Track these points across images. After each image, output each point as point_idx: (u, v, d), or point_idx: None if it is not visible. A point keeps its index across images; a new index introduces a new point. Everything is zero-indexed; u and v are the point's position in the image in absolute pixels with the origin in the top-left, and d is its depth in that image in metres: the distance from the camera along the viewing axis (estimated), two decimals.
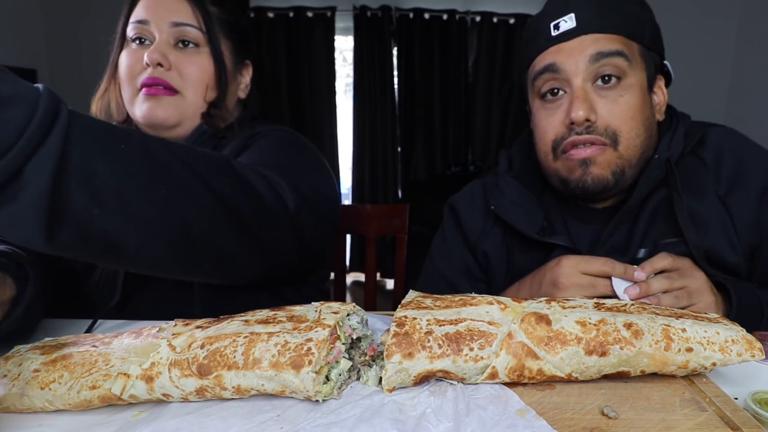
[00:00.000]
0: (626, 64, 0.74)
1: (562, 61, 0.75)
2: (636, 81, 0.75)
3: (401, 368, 0.46)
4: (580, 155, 0.75)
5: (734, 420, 0.42)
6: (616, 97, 0.74)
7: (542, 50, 0.78)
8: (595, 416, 0.43)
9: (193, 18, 0.85)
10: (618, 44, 0.74)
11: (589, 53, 0.74)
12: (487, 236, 0.89)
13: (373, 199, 3.73)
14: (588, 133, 0.74)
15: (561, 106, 0.77)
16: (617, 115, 0.74)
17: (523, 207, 0.84)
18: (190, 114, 0.86)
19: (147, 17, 0.84)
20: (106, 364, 0.46)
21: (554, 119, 0.78)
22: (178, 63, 0.84)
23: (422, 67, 3.65)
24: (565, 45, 0.75)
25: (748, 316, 0.68)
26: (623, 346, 0.46)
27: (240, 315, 0.52)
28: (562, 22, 0.76)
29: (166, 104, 0.83)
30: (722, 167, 0.77)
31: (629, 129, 0.75)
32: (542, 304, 0.51)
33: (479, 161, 3.73)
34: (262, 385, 0.45)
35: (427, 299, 0.53)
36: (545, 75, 0.77)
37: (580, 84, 0.74)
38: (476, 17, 3.60)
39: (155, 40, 0.84)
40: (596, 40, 0.74)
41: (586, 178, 0.76)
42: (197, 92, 0.86)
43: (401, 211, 1.34)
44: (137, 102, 0.84)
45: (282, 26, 3.51)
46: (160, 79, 0.83)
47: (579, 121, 0.74)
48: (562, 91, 0.77)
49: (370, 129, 3.68)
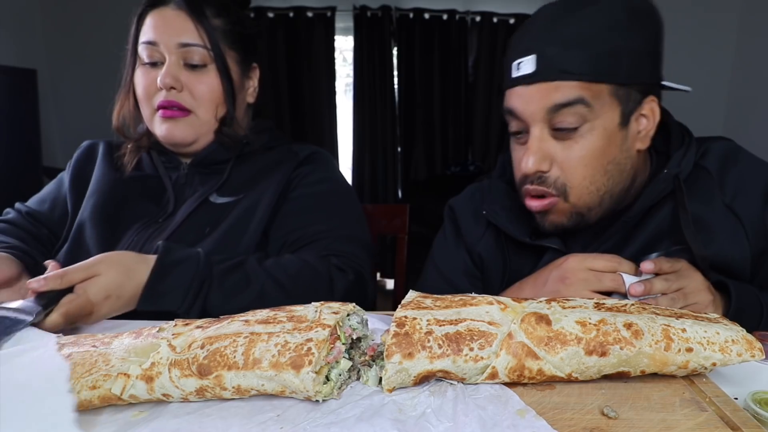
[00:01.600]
0: (587, 111, 0.70)
1: (522, 108, 0.73)
2: (599, 123, 0.71)
3: (401, 368, 0.46)
4: (532, 208, 0.77)
5: (734, 420, 0.42)
6: (572, 144, 0.72)
7: (507, 87, 0.76)
8: (595, 416, 0.43)
9: (198, 37, 0.88)
10: (579, 90, 0.69)
11: (546, 105, 0.70)
12: (482, 239, 0.90)
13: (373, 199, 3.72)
14: (539, 184, 0.74)
15: (524, 145, 0.76)
16: (569, 165, 0.72)
17: (514, 212, 0.84)
18: (204, 131, 0.93)
19: (155, 38, 0.87)
20: (106, 364, 0.46)
21: (517, 157, 0.78)
22: (189, 83, 0.89)
23: (422, 67, 3.64)
24: (524, 90, 0.72)
25: (747, 315, 0.68)
26: (623, 346, 0.46)
27: (240, 315, 0.52)
28: (523, 63, 0.72)
29: (182, 125, 0.90)
30: (726, 176, 0.77)
31: (581, 178, 0.73)
32: (542, 304, 0.51)
33: (479, 161, 3.73)
34: (262, 385, 0.45)
35: (427, 299, 0.53)
36: (509, 115, 0.76)
37: (537, 133, 0.73)
38: (476, 17, 3.60)
39: (165, 62, 0.87)
40: (556, 88, 0.69)
41: (543, 223, 0.78)
42: (208, 110, 0.91)
43: (401, 211, 1.34)
44: (156, 122, 0.90)
45: (282, 26, 3.51)
46: (174, 102, 0.88)
47: (529, 173, 0.74)
48: (525, 132, 0.76)
49: (370, 129, 3.67)
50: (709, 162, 0.79)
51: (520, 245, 0.84)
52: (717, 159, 0.79)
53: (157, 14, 0.88)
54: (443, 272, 0.93)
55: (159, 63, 0.88)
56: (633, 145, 0.76)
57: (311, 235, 0.89)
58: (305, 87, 3.61)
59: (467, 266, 0.92)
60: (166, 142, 0.92)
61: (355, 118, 3.67)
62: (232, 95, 0.93)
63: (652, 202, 0.77)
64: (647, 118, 0.75)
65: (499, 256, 0.88)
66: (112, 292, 0.67)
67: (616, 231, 0.79)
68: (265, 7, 3.46)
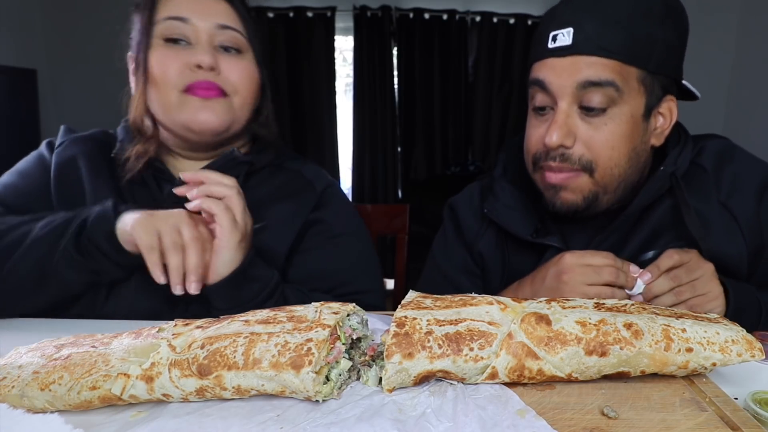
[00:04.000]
0: (616, 95, 0.70)
1: (551, 80, 0.73)
2: (627, 109, 0.72)
3: (401, 368, 0.46)
4: (551, 180, 0.76)
5: (734, 420, 0.42)
6: (599, 125, 0.72)
7: (539, 58, 0.75)
8: (595, 416, 0.43)
9: (237, 21, 0.82)
10: (611, 72, 0.70)
11: (578, 79, 0.70)
12: (482, 237, 0.90)
13: (373, 199, 3.73)
14: (561, 161, 0.74)
15: (546, 121, 0.75)
16: (596, 145, 0.72)
17: (517, 210, 0.84)
18: (237, 120, 0.84)
19: (186, 15, 0.78)
20: (106, 365, 0.46)
21: (537, 133, 0.77)
22: (226, 68, 0.81)
23: (422, 67, 3.65)
24: (557, 62, 0.72)
25: (746, 315, 0.68)
26: (623, 346, 0.46)
27: (240, 315, 0.52)
28: (560, 35, 0.72)
29: (221, 108, 0.80)
30: (721, 172, 0.78)
31: (607, 159, 0.73)
32: (542, 304, 0.51)
33: (479, 161, 3.73)
34: (262, 385, 0.45)
35: (427, 299, 0.53)
36: (536, 87, 0.76)
37: (564, 107, 0.72)
38: (476, 17, 3.60)
39: (197, 42, 0.79)
40: (590, 65, 0.70)
41: (555, 201, 0.77)
42: (245, 99, 0.84)
43: (401, 211, 1.34)
44: (187, 106, 0.79)
45: (282, 26, 3.51)
46: (213, 83, 0.79)
47: (552, 146, 0.73)
48: (550, 108, 0.75)
49: (370, 129, 3.67)
50: (704, 159, 0.79)
51: (521, 244, 0.84)
52: (713, 157, 0.79)
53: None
54: (443, 271, 0.93)
55: (185, 42, 0.79)
56: (650, 139, 0.77)
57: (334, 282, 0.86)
58: (305, 87, 3.61)
59: (467, 264, 0.92)
60: (197, 129, 0.80)
61: (355, 118, 3.67)
62: (267, 88, 0.88)
63: (650, 199, 0.77)
64: (664, 117, 0.76)
65: (498, 254, 0.88)
66: None
67: (616, 229, 0.79)
68: (265, 7, 3.46)
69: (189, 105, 0.79)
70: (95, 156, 0.85)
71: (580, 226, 0.83)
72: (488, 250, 0.89)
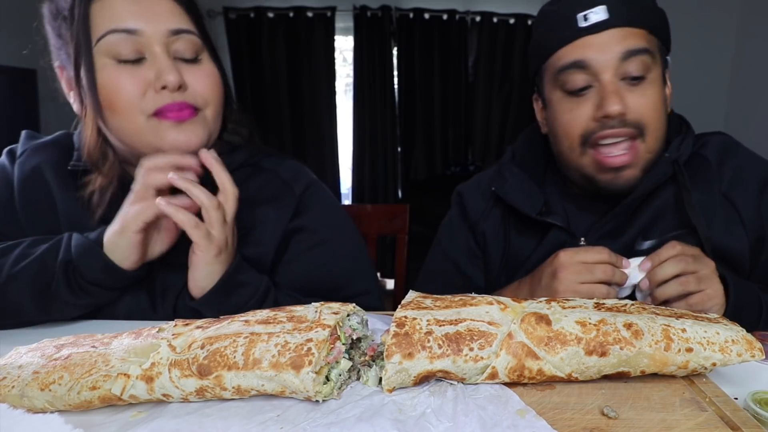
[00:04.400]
0: (651, 61, 0.75)
1: (592, 56, 0.75)
2: (657, 75, 0.77)
3: (401, 368, 0.46)
4: (616, 163, 0.77)
5: (734, 420, 0.42)
6: (643, 91, 0.76)
7: (569, 41, 0.77)
8: (595, 416, 0.43)
9: (188, 21, 0.72)
10: (643, 41, 0.75)
11: (619, 50, 0.74)
12: (487, 217, 0.93)
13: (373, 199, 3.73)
14: (621, 126, 0.75)
15: (589, 100, 0.77)
16: (646, 109, 0.76)
17: (523, 192, 0.87)
18: (213, 133, 0.77)
19: (133, 24, 0.68)
20: (106, 365, 0.46)
21: (581, 113, 0.78)
22: (190, 80, 0.73)
23: (422, 67, 3.64)
24: (595, 39, 0.75)
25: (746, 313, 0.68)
26: (623, 346, 0.46)
27: (240, 315, 0.52)
28: (592, 13, 0.75)
29: (197, 127, 0.73)
30: (724, 165, 0.80)
31: (655, 121, 0.77)
32: (542, 304, 0.51)
33: (479, 161, 3.73)
34: (262, 385, 0.45)
35: (427, 299, 0.53)
36: (572, 70, 0.77)
37: (610, 79, 0.75)
38: (476, 17, 3.60)
39: (152, 55, 0.70)
40: (625, 36, 0.74)
41: (617, 181, 0.78)
42: (216, 108, 0.77)
43: (401, 211, 1.34)
44: (158, 131, 0.71)
45: (282, 26, 3.51)
46: (185, 103, 0.72)
47: (615, 114, 0.74)
48: (589, 87, 0.77)
49: (370, 129, 3.67)
50: (708, 151, 0.82)
51: (524, 225, 0.87)
52: (716, 149, 0.82)
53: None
54: (447, 252, 0.96)
55: (140, 59, 0.70)
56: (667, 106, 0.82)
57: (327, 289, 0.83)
58: (305, 87, 3.61)
59: (469, 246, 0.94)
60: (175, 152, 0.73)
61: (355, 118, 3.67)
62: (230, 89, 0.80)
63: (653, 185, 0.79)
64: (668, 88, 0.82)
65: (501, 235, 0.91)
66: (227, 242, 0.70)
67: (618, 213, 0.81)
68: (265, 7, 3.46)
69: (161, 129, 0.71)
70: (61, 165, 0.79)
71: (584, 211, 0.86)
72: (491, 230, 0.92)
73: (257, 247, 0.81)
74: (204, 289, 0.69)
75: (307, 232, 0.85)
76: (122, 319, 0.75)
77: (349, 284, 0.85)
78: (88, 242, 0.68)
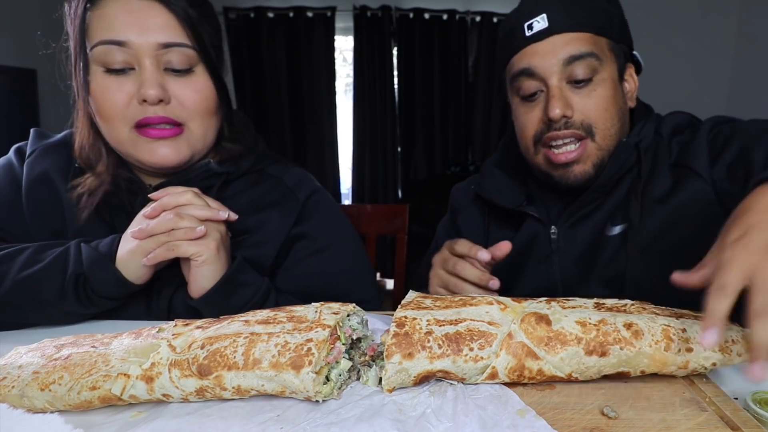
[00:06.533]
0: (597, 63, 0.78)
1: (537, 63, 0.79)
2: (608, 75, 0.80)
3: (401, 368, 0.46)
4: (561, 159, 0.80)
5: (734, 420, 0.42)
6: (590, 92, 0.79)
7: (518, 50, 0.81)
8: (595, 416, 0.43)
9: (182, 34, 0.71)
10: (588, 44, 0.78)
11: (562, 57, 0.77)
12: (466, 213, 0.99)
13: (373, 199, 3.73)
14: (566, 128, 0.79)
15: (539, 104, 0.81)
16: (592, 109, 0.79)
17: (501, 188, 0.92)
18: (199, 149, 0.77)
19: (123, 36, 0.68)
20: (106, 365, 0.46)
21: (532, 116, 0.82)
22: (177, 92, 0.72)
23: (422, 67, 3.64)
24: (539, 46, 0.79)
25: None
26: (623, 346, 0.46)
27: (240, 315, 0.52)
28: (535, 22, 0.79)
29: (178, 144, 0.74)
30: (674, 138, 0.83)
31: (604, 120, 0.80)
32: (542, 304, 0.51)
33: (479, 161, 3.72)
34: (262, 385, 0.45)
35: (427, 299, 0.53)
36: (523, 77, 0.81)
37: (555, 83, 0.78)
38: (476, 17, 3.60)
39: (140, 66, 0.70)
40: (568, 41, 0.77)
41: (568, 177, 0.82)
42: (203, 122, 0.76)
43: (401, 211, 1.34)
44: (140, 145, 0.73)
45: (282, 26, 3.51)
46: (165, 118, 0.72)
47: (556, 118, 0.78)
48: (539, 91, 0.81)
49: (370, 129, 3.67)
50: (663, 128, 0.85)
51: (503, 218, 0.92)
52: (671, 126, 0.85)
53: (117, 4, 0.69)
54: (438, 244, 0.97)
55: (128, 69, 0.70)
56: (626, 102, 0.85)
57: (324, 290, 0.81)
58: (305, 87, 3.61)
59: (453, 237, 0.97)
60: (155, 168, 0.76)
61: (355, 118, 3.67)
62: (227, 101, 0.80)
63: (617, 170, 0.81)
64: (629, 83, 0.86)
65: (482, 229, 0.97)
66: None
67: (586, 201, 0.84)
68: (265, 7, 3.46)
69: (141, 144, 0.73)
70: (69, 168, 0.79)
71: (557, 199, 0.90)
72: (468, 225, 0.98)
73: (258, 249, 0.81)
74: (204, 288, 0.69)
75: (309, 239, 0.85)
76: (116, 319, 0.75)
77: (349, 292, 0.84)
78: (99, 256, 0.69)
